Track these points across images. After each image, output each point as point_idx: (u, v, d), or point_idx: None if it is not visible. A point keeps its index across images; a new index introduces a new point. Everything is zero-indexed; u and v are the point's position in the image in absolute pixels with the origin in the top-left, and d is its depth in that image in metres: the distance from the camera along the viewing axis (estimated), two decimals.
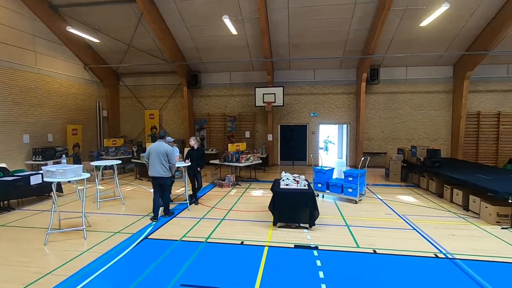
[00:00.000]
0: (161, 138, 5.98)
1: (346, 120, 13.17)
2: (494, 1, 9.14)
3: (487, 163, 11.56)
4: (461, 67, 11.59)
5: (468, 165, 9.21)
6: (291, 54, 12.33)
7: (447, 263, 4.11)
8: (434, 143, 12.20)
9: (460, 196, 6.81)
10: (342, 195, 7.35)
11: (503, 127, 11.87)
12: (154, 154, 5.75)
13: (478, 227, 5.54)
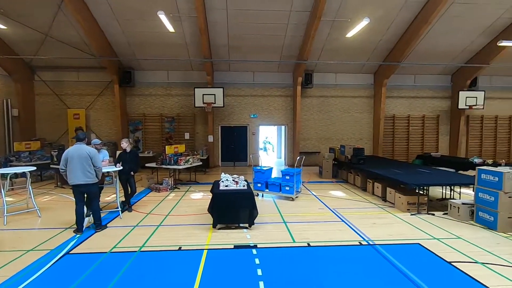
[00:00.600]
0: (81, 140, 5.32)
1: (284, 122, 13.80)
2: (403, 20, 10.64)
3: (401, 159, 13.42)
4: (380, 75, 13.21)
5: (386, 161, 10.53)
6: (231, 56, 12.40)
7: (369, 249, 4.61)
8: (359, 142, 13.63)
9: (379, 188, 7.73)
10: (280, 193, 7.66)
11: (412, 128, 13.93)
12: (75, 159, 5.09)
13: (393, 215, 6.37)
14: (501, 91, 13.99)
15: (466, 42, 11.73)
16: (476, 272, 3.85)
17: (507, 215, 5.27)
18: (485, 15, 10.37)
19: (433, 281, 3.61)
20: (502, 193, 5.24)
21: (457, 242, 4.84)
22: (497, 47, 11.18)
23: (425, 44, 11.60)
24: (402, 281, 3.62)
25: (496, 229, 5.32)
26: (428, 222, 5.87)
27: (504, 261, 4.17)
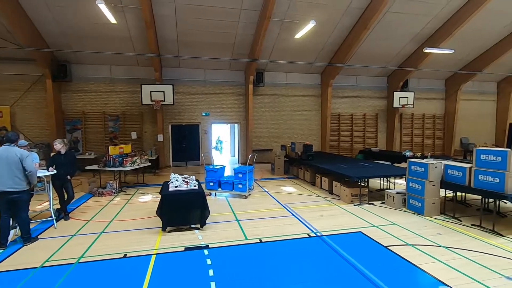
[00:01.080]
0: (11, 141, 4.67)
1: (237, 120, 13.81)
2: (346, 24, 11.39)
3: (346, 154, 14.41)
4: (326, 76, 13.99)
5: (333, 157, 11.21)
6: (181, 52, 11.97)
7: (317, 240, 4.86)
8: (309, 139, 14.29)
9: (327, 182, 8.20)
10: (233, 191, 7.65)
11: (355, 125, 15.06)
12: (2, 163, 4.43)
13: (339, 206, 6.81)
14: (427, 92, 15.89)
15: (398, 47, 13.03)
16: (407, 253, 4.31)
17: (432, 201, 6.01)
18: (413, 23, 11.63)
19: (372, 265, 3.94)
20: (428, 182, 5.95)
21: (392, 228, 5.37)
22: (423, 53, 12.63)
23: (365, 48, 12.60)
24: (345, 268, 3.89)
25: (423, 214, 6.02)
26: (368, 211, 6.40)
27: (429, 241, 4.74)
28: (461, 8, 10.96)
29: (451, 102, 15.85)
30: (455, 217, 5.88)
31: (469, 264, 3.96)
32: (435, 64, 13.99)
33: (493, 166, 5.08)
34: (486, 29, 12.24)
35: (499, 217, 5.88)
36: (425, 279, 3.60)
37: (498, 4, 10.63)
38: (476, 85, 16.40)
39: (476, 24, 11.64)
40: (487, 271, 3.77)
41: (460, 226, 5.46)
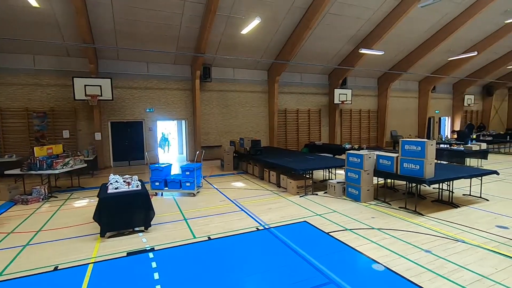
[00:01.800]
0: None
1: (184, 116, 13.37)
2: (290, 23, 11.78)
3: (292, 148, 15.04)
4: (272, 72, 14.34)
5: (280, 151, 11.58)
6: (120, 43, 11.08)
7: (265, 232, 4.99)
8: (257, 134, 14.54)
9: (274, 176, 8.45)
10: (181, 190, 7.41)
11: (300, 120, 15.77)
12: None
13: (286, 198, 7.08)
14: (363, 90, 17.39)
15: (338, 47, 13.96)
16: (345, 237, 4.69)
17: (367, 188, 6.62)
18: (350, 26, 12.56)
19: (315, 251, 4.20)
20: (363, 171, 6.53)
21: (333, 215, 5.78)
22: (359, 54, 13.75)
23: (308, 47, 13.22)
24: (290, 256, 4.07)
25: (360, 201, 6.61)
26: (312, 201, 6.79)
27: (364, 225, 5.23)
28: (389, 14, 12.17)
29: (382, 98, 17.61)
30: (386, 202, 6.58)
31: (396, 242, 4.47)
32: (369, 64, 15.36)
33: (415, 155, 5.80)
34: (409, 33, 13.81)
35: (420, 199, 6.75)
36: (361, 259, 3.96)
37: (419, 12, 12.06)
38: (402, 83, 18.48)
39: (401, 29, 13.06)
40: (410, 247, 4.30)
41: (389, 209, 6.12)
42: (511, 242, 4.41)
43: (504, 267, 3.69)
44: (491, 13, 13.12)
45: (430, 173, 5.71)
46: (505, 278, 3.43)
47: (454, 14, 12.97)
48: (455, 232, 4.85)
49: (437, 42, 14.17)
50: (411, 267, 3.72)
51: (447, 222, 5.29)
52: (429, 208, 6.11)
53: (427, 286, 3.30)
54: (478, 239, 4.56)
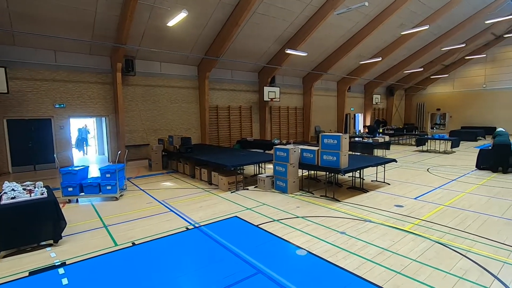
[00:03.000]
0: None
1: (104, 113, 12.07)
2: (219, 19, 11.69)
3: (225, 145, 15.07)
4: (203, 68, 14.07)
5: (212, 148, 11.49)
6: (15, 25, 9.31)
7: (195, 231, 4.88)
8: (188, 132, 14.12)
9: (206, 174, 8.35)
10: (100, 194, 6.70)
11: (232, 117, 15.90)
12: None
13: (217, 195, 7.06)
14: (290, 88, 18.47)
15: (266, 46, 14.48)
16: (273, 227, 4.93)
17: (293, 180, 7.07)
18: (276, 26, 13.15)
19: (245, 244, 4.30)
20: (289, 164, 6.95)
21: (263, 208, 6.01)
22: (285, 54, 14.51)
23: (238, 44, 13.36)
24: (221, 252, 4.08)
25: (287, 192, 7.02)
26: (243, 196, 6.93)
27: (291, 214, 5.58)
28: (310, 18, 13.15)
29: (307, 96, 19.02)
30: (310, 191, 7.15)
31: (317, 228, 4.90)
32: (295, 64, 16.38)
33: (332, 148, 6.43)
34: (328, 37, 15.19)
35: (338, 187, 7.54)
36: (286, 247, 4.22)
37: (336, 19, 13.35)
38: (323, 83, 20.28)
39: (322, 33, 14.27)
40: (329, 231, 4.77)
41: (313, 198, 6.68)
42: (405, 218, 5.29)
43: (399, 239, 4.41)
44: (390, 25, 15.36)
45: (344, 163, 6.42)
46: (400, 248, 4.09)
47: (363, 23, 14.77)
48: (364, 213, 5.57)
49: (350, 47, 15.94)
50: (329, 249, 4.13)
51: (359, 206, 6.05)
52: (345, 195, 6.87)
53: (341, 263, 3.71)
54: (381, 218, 5.33)
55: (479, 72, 23.66)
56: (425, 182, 7.93)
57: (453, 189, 7.18)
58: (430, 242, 4.28)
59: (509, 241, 4.27)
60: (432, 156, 12.81)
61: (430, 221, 5.12)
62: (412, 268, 3.57)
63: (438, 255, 3.90)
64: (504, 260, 3.75)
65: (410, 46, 18.71)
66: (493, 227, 4.79)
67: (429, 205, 6.01)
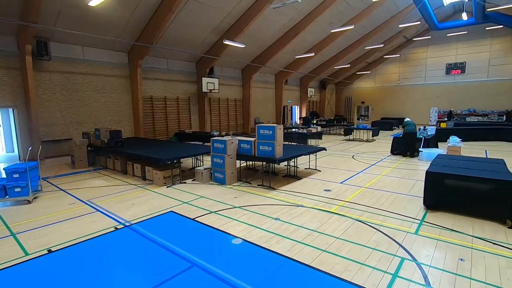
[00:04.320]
0: None
1: (10, 103, 10.27)
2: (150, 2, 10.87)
3: (162, 138, 14.35)
4: (134, 55, 12.99)
5: (147, 142, 10.80)
6: None
7: (126, 231, 4.56)
8: (119, 124, 12.99)
9: (139, 169, 7.83)
10: (7, 198, 5.74)
11: (169, 109, 15.16)
12: None
13: (152, 191, 6.70)
14: (229, 79, 18.40)
15: (203, 35, 14.06)
16: (210, 219, 4.90)
17: (231, 172, 7.12)
18: (213, 16, 12.84)
19: (181, 239, 4.19)
20: (227, 156, 6.96)
21: (200, 201, 5.92)
22: (223, 44, 14.32)
23: (173, 32, 12.67)
24: (154, 249, 3.90)
25: (225, 184, 7.04)
26: (180, 190, 6.72)
27: (228, 205, 5.62)
28: (247, 10, 13.18)
29: (246, 88, 19.21)
30: (247, 182, 7.30)
31: (253, 216, 5.05)
32: (234, 55, 16.32)
33: (267, 138, 6.64)
34: (266, 30, 15.48)
35: (274, 176, 7.86)
36: (222, 238, 4.24)
37: (272, 13, 13.65)
38: (262, 76, 20.72)
39: (260, 26, 14.47)
40: (264, 218, 4.95)
41: (250, 188, 6.83)
42: (332, 201, 5.81)
43: (326, 220, 4.82)
44: (322, 23, 16.40)
45: (279, 153, 6.71)
46: (326, 229, 4.48)
47: (297, 19, 15.44)
48: (297, 199, 5.93)
49: (286, 41, 16.55)
50: (264, 235, 4.29)
51: (293, 192, 6.41)
52: (280, 183, 7.20)
53: (274, 247, 3.90)
54: (312, 202, 5.75)
55: (394, 70, 27.06)
56: (350, 168, 8.81)
57: (372, 173, 8.14)
58: (351, 221, 4.78)
59: (412, 214, 5.04)
60: (357, 144, 14.28)
61: (352, 202, 5.72)
62: (335, 245, 3.95)
63: (357, 231, 4.40)
64: (407, 230, 4.41)
65: (339, 44, 20.30)
66: (401, 203, 5.59)
67: (352, 188, 6.71)
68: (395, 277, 3.23)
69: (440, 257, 3.64)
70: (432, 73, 25.04)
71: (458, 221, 4.69)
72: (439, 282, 3.13)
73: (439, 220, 4.77)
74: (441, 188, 5.08)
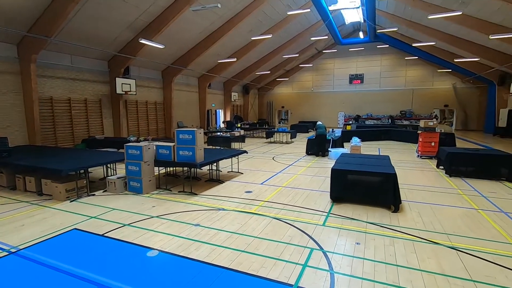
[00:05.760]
0: None
1: None
2: None
3: (66, 145, 12.50)
4: (26, 48, 10.97)
5: (45, 150, 9.23)
6: None
7: (11, 258, 3.79)
8: (7, 131, 10.74)
9: (33, 183, 6.63)
10: None
11: (75, 112, 13.31)
12: None
13: (50, 207, 5.75)
14: (148, 81, 17.27)
15: (116, 32, 12.85)
16: (123, 233, 4.49)
17: (148, 179, 6.67)
18: (128, 12, 11.86)
19: (85, 259, 3.70)
20: (143, 163, 6.51)
21: (112, 214, 5.37)
22: (140, 43, 13.37)
23: (79, 24, 11.18)
24: (52, 277, 3.34)
25: (142, 193, 6.56)
26: (88, 204, 5.96)
27: (145, 216, 5.25)
28: (166, 9, 12.63)
29: (167, 91, 18.36)
30: (168, 189, 6.96)
31: (172, 224, 4.84)
32: (153, 56, 15.40)
33: (188, 143, 6.48)
34: (187, 32, 15.11)
35: (196, 181, 7.71)
36: (136, 251, 3.93)
37: (193, 15, 13.42)
38: (184, 78, 20.14)
39: (180, 27, 14.03)
40: (183, 225, 4.80)
41: (170, 195, 6.53)
42: (253, 202, 6.02)
43: (246, 221, 4.96)
44: (242, 30, 16.93)
45: (200, 158, 6.62)
46: (245, 230, 4.62)
47: (218, 24, 15.58)
48: (219, 203, 5.94)
49: (208, 44, 16.49)
50: (183, 243, 4.15)
51: (214, 196, 6.40)
52: (202, 188, 7.11)
53: (192, 255, 3.81)
54: (233, 204, 5.85)
55: (309, 78, 29.87)
56: (270, 169, 9.31)
57: (290, 172, 8.78)
58: (269, 219, 5.05)
59: (321, 208, 5.62)
60: (278, 146, 15.19)
61: (271, 201, 6.05)
62: (253, 245, 4.10)
63: (274, 228, 4.66)
64: (317, 223, 4.90)
65: (260, 51, 21.30)
66: (312, 199, 6.18)
67: (271, 188, 7.09)
68: (305, 267, 3.54)
69: (341, 243, 4.15)
70: (339, 82, 28.58)
71: (357, 210, 5.45)
72: (340, 265, 3.57)
73: (342, 211, 5.45)
74: (343, 182, 5.83)
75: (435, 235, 4.41)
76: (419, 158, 10.96)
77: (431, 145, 10.73)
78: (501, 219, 5.02)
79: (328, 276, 3.35)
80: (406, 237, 4.34)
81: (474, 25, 13.82)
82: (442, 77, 24.82)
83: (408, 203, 5.89)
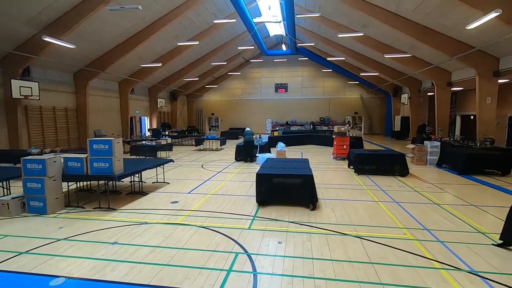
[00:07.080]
0: None
1: None
2: None
3: None
4: None
5: None
6: None
7: None
8: None
9: None
10: None
11: None
12: None
13: None
14: (56, 84, 15.10)
15: (12, 26, 10.92)
16: (18, 264, 3.81)
17: (55, 197, 5.82)
18: (28, 5, 10.23)
19: None
20: (47, 178, 5.65)
21: (4, 241, 4.50)
22: (44, 41, 11.63)
23: None
24: None
25: (46, 213, 5.68)
26: None
27: (49, 239, 4.55)
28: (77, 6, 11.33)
29: (81, 96, 16.38)
30: (80, 206, 6.19)
31: (84, 246, 4.32)
32: (62, 56, 13.57)
33: (103, 154, 5.91)
34: (104, 33, 13.79)
35: (116, 194, 7.06)
36: (37, 282, 3.37)
37: (111, 15, 12.33)
38: (102, 83, 18.29)
39: (96, 27, 12.73)
40: (98, 245, 4.33)
41: (83, 213, 5.83)
42: (179, 212, 5.82)
43: (171, 233, 4.77)
44: (167, 34, 16.35)
45: (119, 169, 6.10)
46: (170, 242, 4.43)
47: (140, 26, 14.72)
48: (141, 217, 5.56)
49: (130, 47, 15.38)
50: (96, 265, 3.75)
51: (137, 210, 5.96)
52: (123, 201, 6.55)
53: (108, 276, 3.47)
54: (157, 217, 5.55)
55: (238, 85, 30.59)
56: (199, 177, 9.16)
57: (218, 179, 8.79)
58: (195, 228, 4.96)
59: (247, 212, 5.79)
60: (207, 153, 15.05)
61: (198, 210, 5.95)
62: (178, 257, 3.97)
63: (200, 237, 4.60)
64: (242, 227, 5.03)
65: (187, 57, 20.87)
66: (239, 204, 6.31)
67: (199, 196, 6.98)
68: (229, 272, 3.59)
69: (265, 244, 4.35)
70: (266, 90, 30.05)
71: (280, 211, 5.79)
72: (263, 266, 3.74)
73: (266, 213, 5.72)
74: (268, 186, 6.13)
75: (344, 227, 5.01)
76: (335, 160, 12.30)
77: (343, 148, 12.16)
78: (394, 208, 6.01)
79: (252, 278, 3.46)
80: (321, 231, 4.81)
81: (373, 45, 16.35)
82: (352, 88, 28.49)
83: (324, 200, 6.54)
